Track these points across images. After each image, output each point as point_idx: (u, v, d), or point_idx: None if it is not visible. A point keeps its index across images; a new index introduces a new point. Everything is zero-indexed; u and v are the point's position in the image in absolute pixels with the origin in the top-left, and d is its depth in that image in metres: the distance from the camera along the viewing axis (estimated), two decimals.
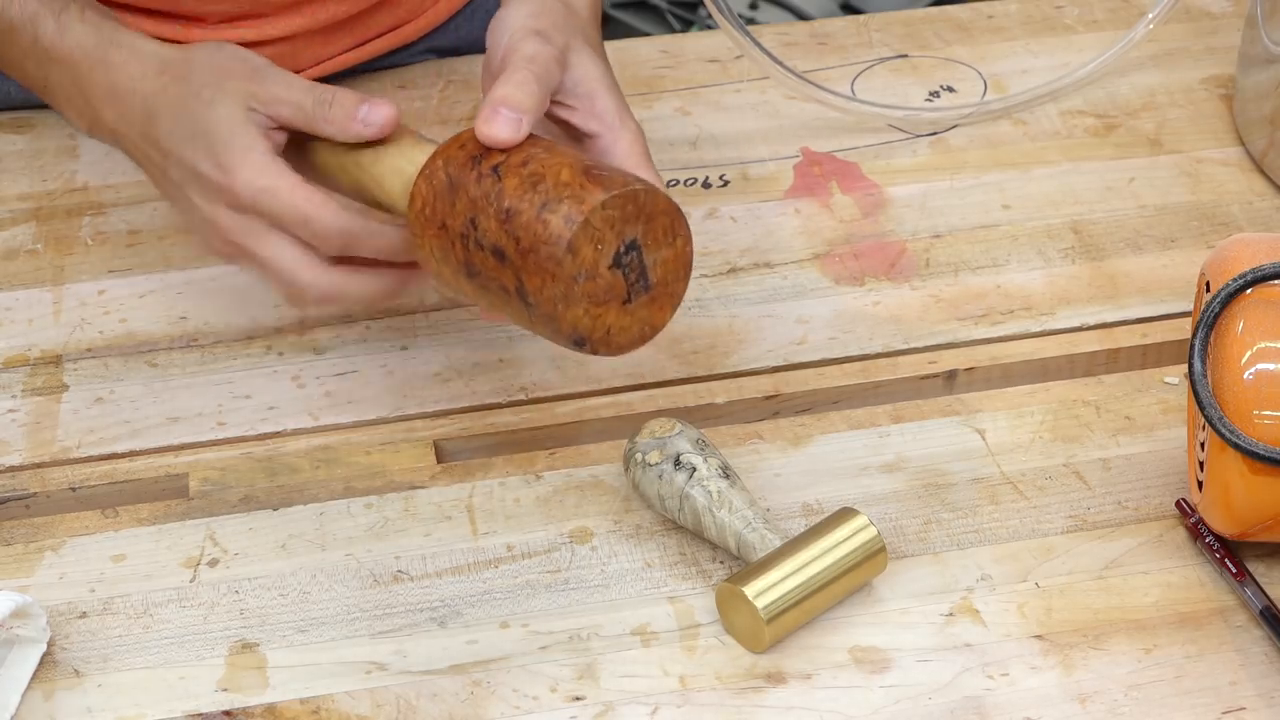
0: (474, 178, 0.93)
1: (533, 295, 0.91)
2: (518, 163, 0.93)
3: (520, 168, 0.93)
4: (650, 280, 0.94)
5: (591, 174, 0.92)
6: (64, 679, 0.94)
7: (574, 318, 0.92)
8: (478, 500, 1.03)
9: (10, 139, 1.26)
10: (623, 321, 0.94)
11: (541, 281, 0.91)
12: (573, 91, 1.00)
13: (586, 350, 0.93)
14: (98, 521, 1.02)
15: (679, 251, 0.94)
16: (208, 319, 1.13)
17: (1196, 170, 1.25)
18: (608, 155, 1.00)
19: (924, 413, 1.08)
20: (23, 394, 1.09)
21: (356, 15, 1.27)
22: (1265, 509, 0.94)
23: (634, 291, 0.93)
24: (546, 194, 0.91)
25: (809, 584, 0.95)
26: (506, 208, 0.92)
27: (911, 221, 1.21)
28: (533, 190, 0.91)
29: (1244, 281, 0.95)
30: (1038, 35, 1.36)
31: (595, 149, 1.01)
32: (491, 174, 0.93)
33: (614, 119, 1.00)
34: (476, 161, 0.94)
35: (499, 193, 0.92)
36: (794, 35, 1.36)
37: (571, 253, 0.90)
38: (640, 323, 0.95)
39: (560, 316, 0.91)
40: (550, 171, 0.92)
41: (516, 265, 0.91)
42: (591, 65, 1.01)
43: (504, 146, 0.94)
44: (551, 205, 0.91)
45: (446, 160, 0.95)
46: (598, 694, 0.93)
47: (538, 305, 0.92)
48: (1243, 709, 0.93)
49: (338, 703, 0.93)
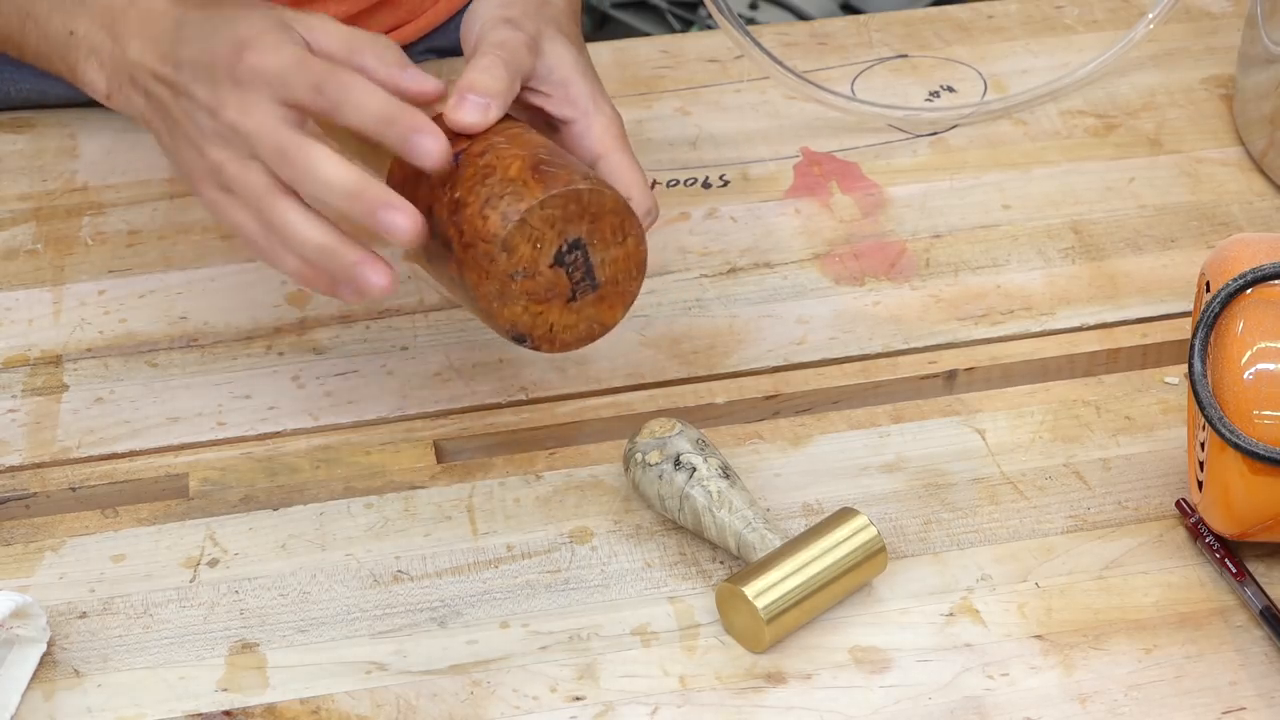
0: None
1: (472, 289, 0.92)
2: (477, 152, 0.93)
3: (478, 158, 0.93)
4: (598, 279, 0.94)
5: (540, 170, 0.91)
6: (64, 679, 0.94)
7: (511, 315, 0.92)
8: (478, 500, 1.03)
9: (10, 139, 1.26)
10: (567, 319, 0.94)
11: (478, 277, 0.91)
12: (546, 79, 1.00)
13: (529, 346, 0.94)
14: (98, 521, 1.02)
15: (630, 250, 0.94)
16: (208, 319, 1.13)
17: (1196, 170, 1.25)
18: (583, 140, 1.00)
19: (924, 413, 1.08)
20: (23, 394, 1.09)
21: (356, 16, 1.27)
22: (1265, 509, 0.94)
23: (579, 290, 0.93)
24: (492, 189, 0.91)
25: (809, 584, 0.95)
26: (456, 198, 0.92)
27: (911, 221, 1.21)
28: (481, 183, 0.91)
29: (1244, 281, 0.95)
30: (1038, 35, 1.36)
31: (570, 135, 1.00)
32: (452, 162, 0.93)
33: (588, 104, 1.00)
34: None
35: (454, 182, 0.92)
36: (794, 35, 1.36)
37: (506, 251, 0.90)
38: (588, 320, 0.94)
39: (496, 313, 0.92)
40: (501, 164, 0.92)
41: (459, 258, 0.92)
42: (565, 51, 1.01)
43: (471, 132, 0.94)
44: (493, 201, 0.91)
45: None
46: (598, 694, 0.93)
47: (477, 299, 0.92)
48: (1243, 709, 0.93)
49: (338, 703, 0.93)
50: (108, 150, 1.24)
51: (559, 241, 0.91)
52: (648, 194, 0.99)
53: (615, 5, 2.23)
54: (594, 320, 0.95)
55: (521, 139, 0.94)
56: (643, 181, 0.99)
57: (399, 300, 1.14)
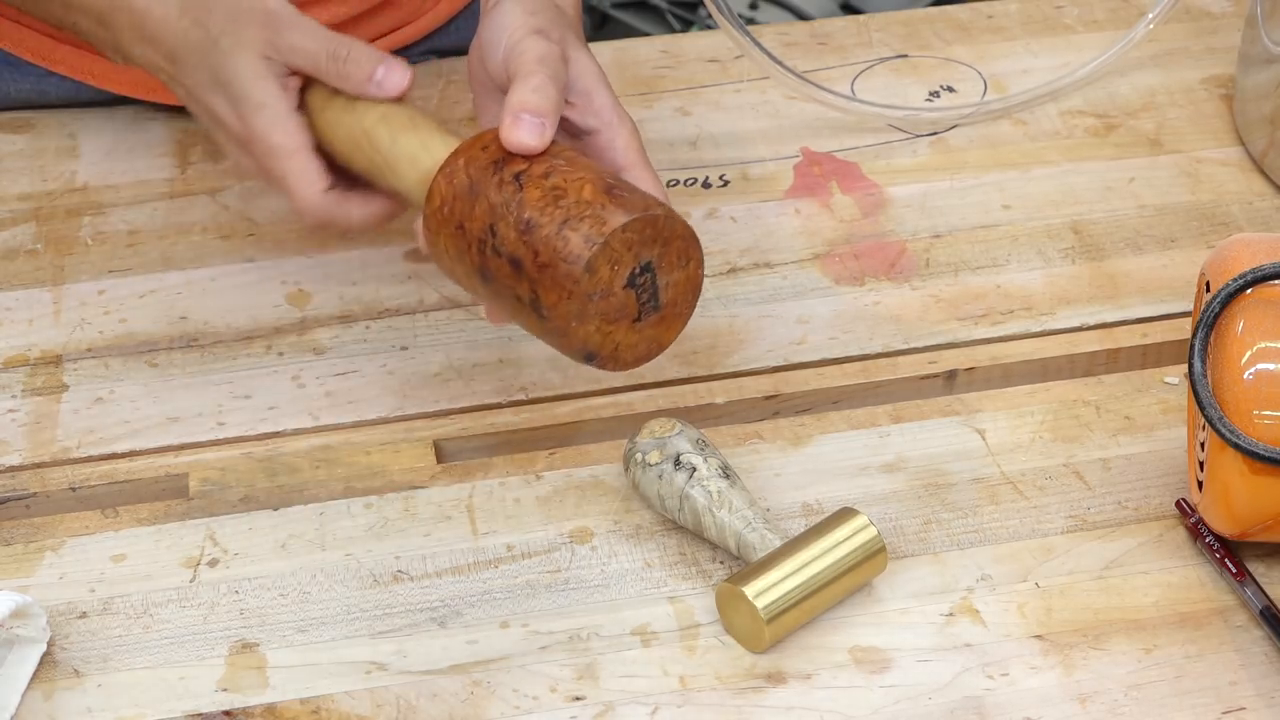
0: (495, 184, 0.94)
1: (547, 309, 0.92)
2: (540, 173, 0.93)
3: (542, 179, 0.93)
4: (660, 301, 0.95)
5: (614, 194, 0.92)
6: (64, 679, 0.94)
7: (585, 334, 0.93)
8: (478, 500, 1.03)
9: (10, 139, 1.26)
10: (631, 339, 0.95)
11: (557, 297, 0.92)
12: (572, 89, 1.00)
13: (595, 365, 0.95)
14: (98, 521, 1.02)
15: (690, 274, 0.96)
16: (208, 319, 1.13)
17: (1196, 170, 1.25)
18: (607, 152, 1.01)
19: (924, 413, 1.08)
20: (23, 394, 1.09)
21: (357, 16, 1.27)
22: (1265, 509, 0.94)
23: (645, 311, 0.94)
24: (568, 210, 0.92)
25: (809, 584, 0.95)
26: (527, 219, 0.92)
27: (911, 221, 1.21)
28: (554, 205, 0.92)
29: (1244, 281, 0.95)
30: (1038, 35, 1.36)
31: (594, 146, 1.01)
32: (513, 182, 0.93)
33: (611, 115, 1.01)
34: (498, 167, 0.94)
35: (520, 203, 0.93)
36: (794, 35, 1.36)
37: (590, 272, 0.91)
38: (648, 341, 0.96)
39: (573, 332, 0.92)
40: (573, 187, 0.92)
41: (533, 278, 0.92)
42: (588, 61, 1.01)
43: (530, 153, 0.94)
44: (573, 223, 0.91)
45: (468, 161, 0.95)
46: (598, 694, 0.93)
47: (551, 319, 0.92)
48: (1243, 709, 0.93)
49: (338, 703, 0.93)
50: (108, 150, 1.24)
51: (633, 264, 0.93)
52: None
53: (615, 5, 2.23)
54: (653, 340, 0.96)
55: (578, 162, 0.95)
56: (664, 194, 1.00)
57: (399, 300, 1.14)
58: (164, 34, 1.02)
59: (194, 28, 1.01)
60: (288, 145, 0.99)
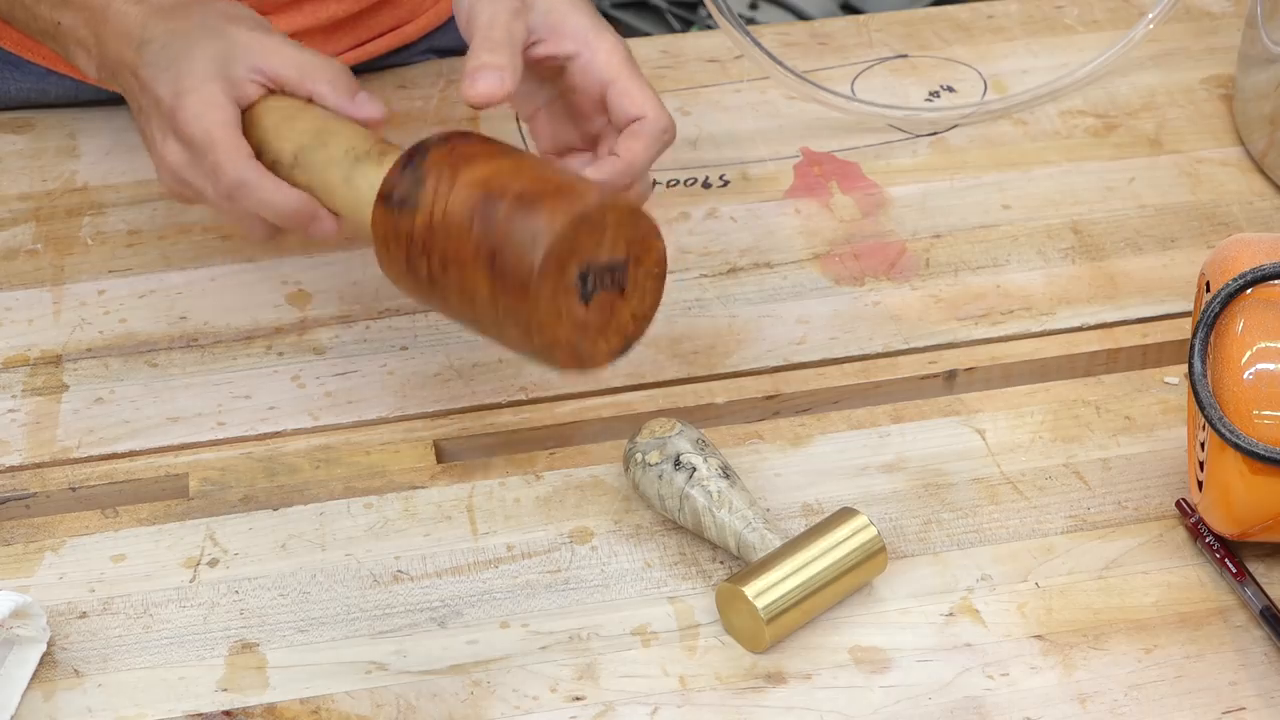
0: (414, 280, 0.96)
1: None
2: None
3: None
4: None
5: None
6: (64, 679, 0.94)
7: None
8: (478, 500, 1.03)
9: (10, 139, 1.26)
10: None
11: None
12: (541, 25, 1.01)
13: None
14: (98, 521, 1.02)
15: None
16: (208, 319, 1.13)
17: (1196, 170, 1.25)
18: (589, 71, 1.01)
19: (924, 413, 1.08)
20: (23, 394, 1.09)
21: (357, 14, 1.27)
22: (1265, 509, 0.94)
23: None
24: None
25: (809, 584, 0.95)
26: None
27: (911, 221, 1.21)
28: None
29: (1244, 281, 0.95)
30: (1038, 35, 1.36)
31: (576, 68, 1.01)
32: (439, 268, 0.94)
33: (587, 34, 1.01)
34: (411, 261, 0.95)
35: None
36: (794, 35, 1.36)
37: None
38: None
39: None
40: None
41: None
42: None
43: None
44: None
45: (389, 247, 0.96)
46: (598, 694, 0.93)
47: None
48: (1243, 709, 0.93)
49: (338, 703, 0.93)
50: (108, 150, 1.24)
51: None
52: (663, 111, 1.00)
53: (615, 5, 2.23)
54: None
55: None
56: (656, 100, 1.00)
57: (399, 300, 1.14)
58: (143, 26, 1.03)
59: (176, 20, 1.02)
60: (218, 118, 0.98)
